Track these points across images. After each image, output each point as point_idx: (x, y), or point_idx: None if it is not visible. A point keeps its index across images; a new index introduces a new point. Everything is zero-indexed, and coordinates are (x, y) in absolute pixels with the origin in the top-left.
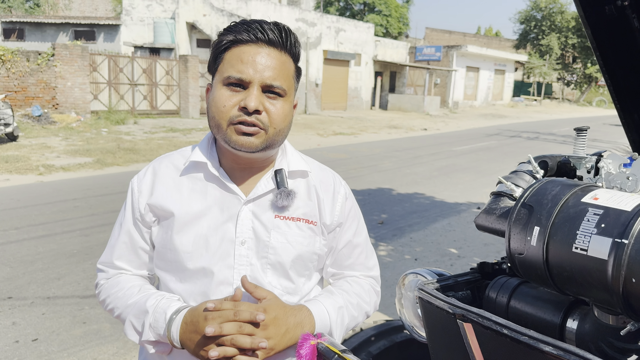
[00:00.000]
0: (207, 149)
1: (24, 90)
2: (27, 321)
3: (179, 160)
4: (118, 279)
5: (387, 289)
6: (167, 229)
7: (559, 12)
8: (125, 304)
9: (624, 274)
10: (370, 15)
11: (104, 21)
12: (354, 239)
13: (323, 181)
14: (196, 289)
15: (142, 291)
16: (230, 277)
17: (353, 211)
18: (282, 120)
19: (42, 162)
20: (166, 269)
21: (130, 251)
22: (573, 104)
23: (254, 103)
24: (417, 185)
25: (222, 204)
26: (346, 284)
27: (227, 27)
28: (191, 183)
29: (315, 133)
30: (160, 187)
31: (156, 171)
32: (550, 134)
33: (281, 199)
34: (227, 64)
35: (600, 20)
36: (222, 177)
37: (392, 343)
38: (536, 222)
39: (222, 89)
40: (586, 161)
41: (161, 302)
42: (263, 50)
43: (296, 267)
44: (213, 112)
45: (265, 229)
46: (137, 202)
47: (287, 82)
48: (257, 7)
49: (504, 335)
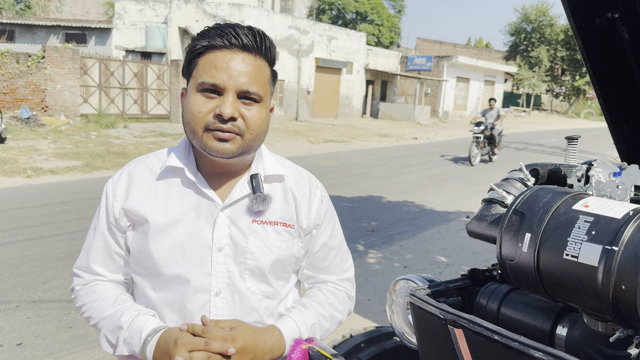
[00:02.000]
0: (184, 154)
1: (12, 92)
2: (12, 325)
3: (155, 164)
4: (94, 288)
5: (376, 296)
6: (142, 234)
7: (549, 25)
8: (100, 315)
9: (613, 280)
10: (363, 24)
11: (95, 24)
12: (330, 241)
13: (299, 184)
14: (172, 297)
15: (117, 303)
16: (208, 284)
17: (329, 213)
18: (259, 126)
19: (30, 165)
20: (142, 274)
21: (106, 255)
22: (561, 116)
23: (229, 110)
24: (407, 194)
25: (198, 210)
26: (320, 295)
27: (200, 32)
28: (167, 188)
29: (306, 140)
30: (135, 192)
31: (131, 175)
32: (538, 145)
33: (257, 203)
34: (201, 69)
35: (591, 32)
36: (199, 182)
37: (381, 349)
38: (527, 228)
39: (197, 95)
40: (577, 169)
41: (137, 319)
42: (237, 55)
43: (275, 271)
44: (188, 118)
45: (243, 235)
46: (111, 207)
47: (263, 87)
48: (250, 14)
49: (495, 341)
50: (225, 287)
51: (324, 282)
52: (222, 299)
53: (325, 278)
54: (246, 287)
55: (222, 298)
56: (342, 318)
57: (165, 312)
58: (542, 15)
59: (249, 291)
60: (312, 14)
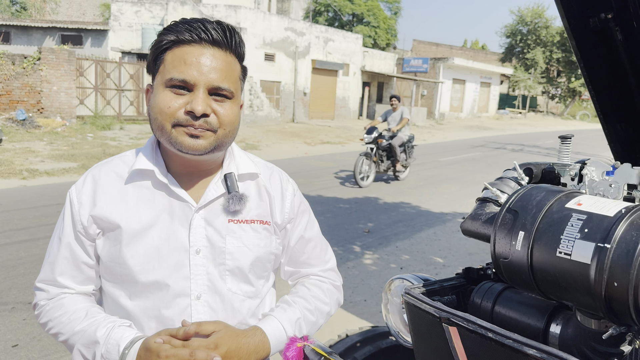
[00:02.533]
0: (152, 155)
1: (8, 93)
2: (8, 326)
3: (121, 167)
4: (61, 302)
5: (372, 297)
6: (114, 241)
7: (544, 27)
8: (72, 330)
9: (606, 277)
10: (359, 26)
11: (91, 26)
12: (306, 233)
13: (271, 180)
14: (150, 304)
15: (89, 316)
16: (187, 288)
17: (302, 206)
18: (232, 122)
19: (25, 167)
20: (116, 283)
21: (73, 266)
22: (557, 117)
23: (201, 107)
24: (403, 195)
25: (172, 213)
26: (304, 289)
27: (167, 27)
28: (137, 192)
29: (302, 142)
30: (103, 197)
31: (96, 180)
32: (534, 146)
33: (233, 203)
34: (169, 65)
35: (585, 32)
36: (171, 184)
37: (377, 349)
38: (521, 227)
39: (165, 91)
40: (570, 168)
41: (113, 332)
42: (207, 50)
43: (255, 270)
44: (156, 114)
45: (220, 235)
46: (77, 214)
47: (234, 83)
48: (247, 16)
49: (489, 338)
50: (206, 289)
51: (306, 275)
52: (203, 302)
53: (307, 271)
54: (227, 288)
55: (203, 301)
56: (329, 309)
57: (144, 321)
58: (538, 17)
59: (230, 292)
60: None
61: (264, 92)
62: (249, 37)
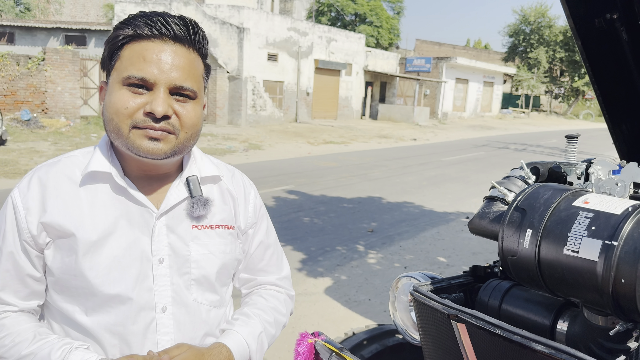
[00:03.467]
0: (107, 156)
1: (13, 94)
2: None
3: (71, 169)
4: (3, 322)
5: (377, 296)
6: (68, 251)
7: (548, 26)
8: (17, 354)
9: (613, 274)
10: (362, 26)
11: (95, 26)
12: (266, 239)
13: (234, 183)
14: (111, 319)
15: (38, 338)
16: (152, 300)
17: (262, 210)
18: (194, 124)
19: (30, 166)
20: (70, 297)
21: (16, 280)
22: (560, 117)
23: (161, 108)
24: (407, 195)
25: (131, 220)
26: (261, 300)
27: (124, 20)
28: (91, 196)
29: (305, 141)
30: (53, 203)
31: (44, 183)
32: (538, 146)
33: (198, 208)
34: (126, 61)
35: (590, 32)
36: (129, 187)
37: (384, 347)
38: (529, 224)
39: (122, 90)
40: (577, 167)
41: (71, 354)
42: (168, 47)
43: (221, 278)
44: (111, 114)
45: (184, 242)
46: (24, 222)
47: (197, 82)
48: (250, 16)
49: (497, 335)
50: (171, 301)
51: (262, 284)
52: (168, 315)
53: (263, 279)
54: (192, 298)
55: (168, 314)
56: (285, 321)
57: (104, 337)
58: (541, 16)
59: (195, 303)
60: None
61: (267, 92)
62: (252, 37)
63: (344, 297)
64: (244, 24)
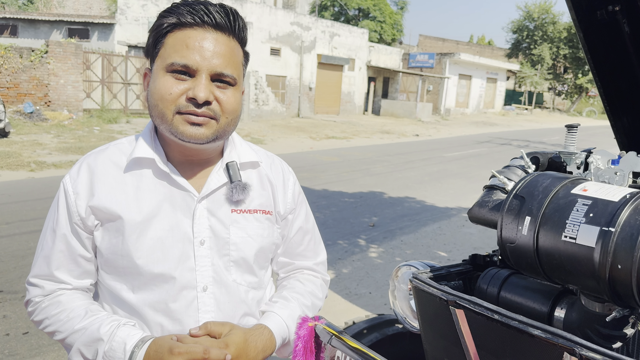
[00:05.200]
0: (151, 142)
1: (16, 86)
2: (18, 314)
3: (118, 155)
4: (58, 299)
5: (377, 289)
6: (115, 233)
7: (552, 23)
8: (71, 329)
9: (610, 260)
10: (365, 21)
11: (98, 20)
12: (305, 225)
13: (273, 169)
14: (155, 297)
15: (89, 314)
16: (193, 280)
17: (301, 196)
18: (234, 110)
19: (33, 159)
20: (117, 276)
21: (69, 260)
22: (563, 114)
23: (203, 93)
24: (409, 190)
25: (173, 203)
26: (299, 284)
27: (167, 9)
28: (136, 181)
29: (308, 136)
30: (101, 187)
31: (92, 169)
32: (540, 142)
33: (237, 192)
34: (170, 48)
35: (592, 24)
36: (172, 173)
37: (383, 336)
38: (527, 212)
39: (166, 76)
40: (576, 157)
41: (118, 330)
42: (210, 35)
43: (259, 261)
44: (156, 100)
45: (223, 226)
46: (74, 205)
47: (237, 69)
48: (253, 10)
49: (495, 320)
50: (212, 281)
51: (299, 269)
52: (209, 294)
53: (301, 264)
54: (232, 279)
55: (209, 293)
56: (321, 304)
57: (149, 314)
58: (545, 12)
59: (235, 283)
60: (314, 11)
61: (270, 87)
62: (255, 31)
63: (344, 290)
64: (247, 18)
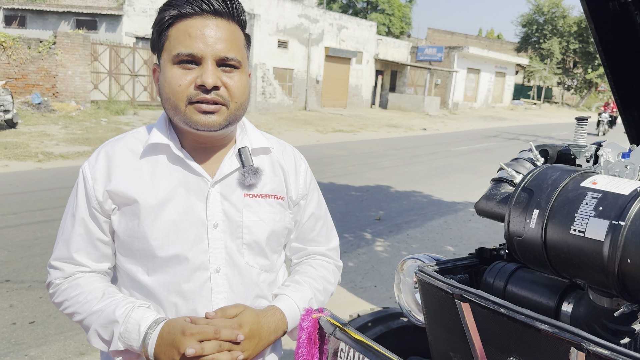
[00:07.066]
0: (165, 130)
1: (24, 77)
2: (25, 304)
3: (134, 143)
4: (77, 281)
5: (383, 283)
6: (131, 216)
7: (561, 17)
8: (89, 310)
9: (619, 254)
10: (373, 13)
11: (106, 11)
12: (317, 211)
13: (284, 155)
14: (169, 278)
15: (106, 296)
16: (207, 262)
17: (313, 183)
18: (242, 93)
19: (41, 150)
20: (133, 259)
21: (88, 243)
22: (572, 109)
23: (211, 79)
24: (415, 184)
25: (187, 187)
26: (311, 269)
27: (167, 2)
28: (152, 167)
29: (314, 129)
30: (118, 173)
31: (110, 156)
32: (549, 138)
33: (249, 177)
34: (173, 40)
35: (604, 16)
36: (186, 158)
37: (388, 329)
38: (536, 205)
39: (174, 68)
40: (586, 150)
41: (133, 312)
42: (210, 21)
43: (271, 244)
44: (167, 94)
45: (236, 209)
46: (92, 190)
47: (240, 52)
48: (260, 2)
49: (501, 314)
50: (224, 263)
51: (312, 254)
52: (222, 275)
53: (314, 249)
54: (245, 261)
55: (222, 274)
56: (333, 289)
57: (163, 295)
58: (555, 6)
59: (247, 266)
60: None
61: (277, 80)
62: (263, 23)
63: (350, 283)
64: (255, 10)
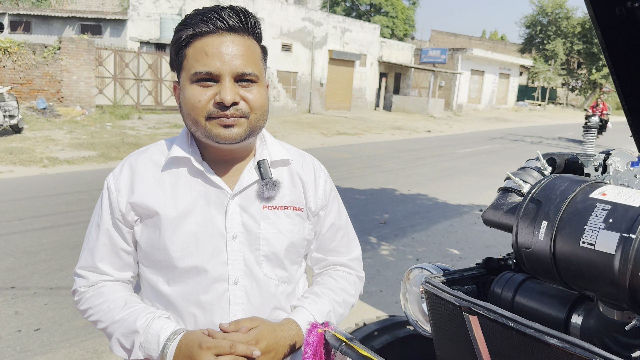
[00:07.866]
0: (187, 143)
1: (29, 82)
2: (30, 311)
3: (157, 155)
4: (101, 290)
5: (388, 287)
6: (153, 228)
7: (565, 18)
8: (111, 319)
9: (630, 268)
10: (377, 16)
11: (110, 16)
12: (337, 221)
13: (304, 167)
14: (189, 289)
15: (128, 306)
16: (225, 273)
17: (333, 193)
18: (261, 105)
19: (46, 155)
20: (154, 269)
21: (112, 253)
22: (577, 110)
23: (229, 96)
24: (420, 187)
25: (208, 199)
26: (331, 281)
27: (182, 21)
28: (173, 179)
29: (319, 132)
30: (140, 185)
31: (133, 168)
32: (553, 139)
33: (267, 189)
34: (191, 59)
35: (610, 21)
36: (206, 171)
37: (394, 338)
38: (544, 216)
39: (193, 86)
40: (594, 159)
41: (153, 322)
42: (226, 38)
43: (290, 256)
44: (188, 110)
45: (255, 221)
46: (115, 201)
47: (257, 66)
48: (264, 6)
49: (510, 327)
50: (243, 274)
51: (333, 265)
52: (240, 287)
53: (334, 260)
54: (263, 273)
55: (240, 286)
56: (354, 301)
57: (182, 306)
58: (559, 7)
59: (265, 277)
60: (325, 6)
61: (281, 83)
62: (267, 27)
63: None
64: (258, 14)
